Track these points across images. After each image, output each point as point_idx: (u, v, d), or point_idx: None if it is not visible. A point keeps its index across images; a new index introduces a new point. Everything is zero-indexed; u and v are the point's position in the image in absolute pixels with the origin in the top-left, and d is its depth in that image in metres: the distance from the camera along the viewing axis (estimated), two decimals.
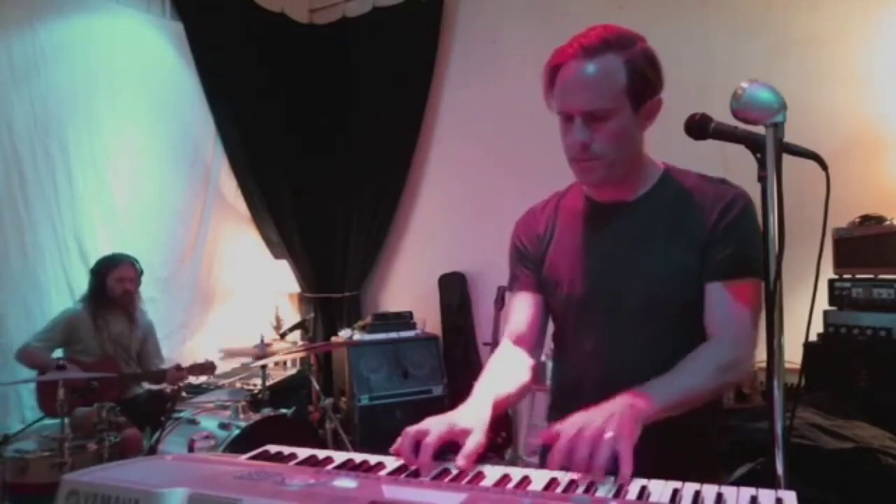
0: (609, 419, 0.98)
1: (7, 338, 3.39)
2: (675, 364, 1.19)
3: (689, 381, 1.14)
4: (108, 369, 3.24)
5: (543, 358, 1.47)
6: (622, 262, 1.29)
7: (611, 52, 1.19)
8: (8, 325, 3.45)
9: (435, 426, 1.05)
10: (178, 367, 3.48)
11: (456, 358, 4.56)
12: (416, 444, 1.02)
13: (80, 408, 2.92)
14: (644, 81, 1.22)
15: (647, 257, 1.27)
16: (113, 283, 3.47)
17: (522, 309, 1.42)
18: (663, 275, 1.26)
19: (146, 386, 3.64)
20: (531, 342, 1.41)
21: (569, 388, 1.39)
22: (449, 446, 1.05)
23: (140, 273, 3.59)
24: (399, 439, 1.06)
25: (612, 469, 0.95)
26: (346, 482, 0.88)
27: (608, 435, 0.95)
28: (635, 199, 1.32)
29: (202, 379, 3.90)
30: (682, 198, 1.29)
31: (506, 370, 1.33)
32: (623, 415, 1.00)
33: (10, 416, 3.40)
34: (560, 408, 1.43)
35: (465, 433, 1.06)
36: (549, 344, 1.47)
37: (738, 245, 1.23)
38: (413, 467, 1.02)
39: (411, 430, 1.05)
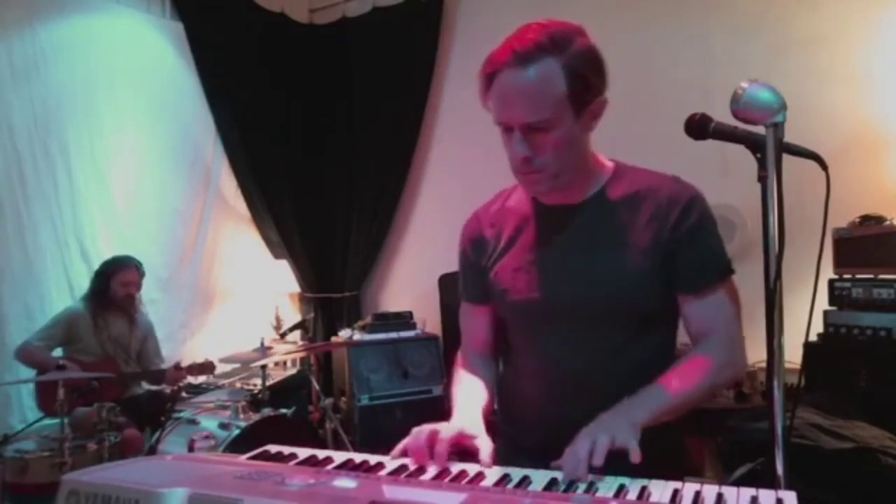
0: (608, 430, 1.00)
1: (8, 337, 3.39)
2: (629, 367, 1.18)
3: (683, 385, 1.13)
4: (108, 369, 3.24)
5: None
6: (571, 267, 1.24)
7: (547, 56, 1.09)
8: (8, 324, 3.44)
9: (445, 429, 1.07)
10: (177, 367, 3.48)
11: (456, 358, 4.55)
12: (430, 445, 1.04)
13: (80, 408, 2.92)
14: (585, 84, 1.12)
15: (597, 261, 1.22)
16: (117, 286, 3.47)
17: (476, 322, 1.41)
18: (614, 279, 1.20)
19: (146, 386, 3.65)
20: (487, 355, 1.41)
21: (519, 393, 1.36)
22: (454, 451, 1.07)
23: (143, 276, 3.60)
24: (405, 442, 1.06)
25: (616, 469, 0.96)
26: (346, 482, 0.88)
27: (607, 437, 0.98)
28: (583, 201, 1.26)
29: (202, 379, 3.90)
30: (633, 198, 1.23)
31: (478, 386, 1.32)
32: (620, 423, 1.02)
33: (11, 416, 3.39)
34: (509, 413, 1.40)
35: (473, 437, 1.08)
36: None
37: (708, 250, 1.21)
38: (415, 465, 1.03)
39: (423, 428, 1.06)
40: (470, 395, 1.26)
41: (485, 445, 1.05)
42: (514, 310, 1.31)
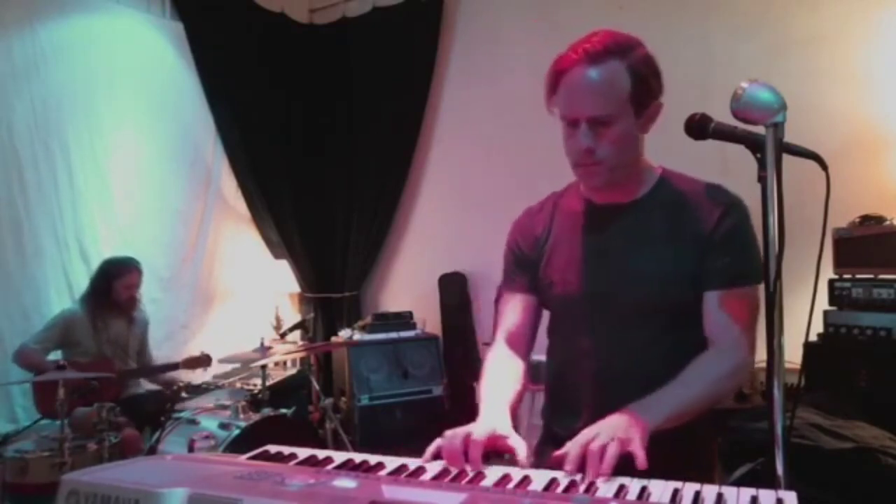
0: (615, 430, 1.02)
1: (5, 339, 3.38)
2: (669, 364, 1.20)
3: (687, 393, 1.16)
4: (103, 369, 3.23)
5: (544, 357, 1.48)
6: (618, 263, 1.30)
7: (614, 59, 1.20)
8: (6, 325, 3.43)
9: (477, 431, 1.08)
10: (174, 365, 3.49)
11: (456, 358, 4.56)
12: (464, 449, 1.05)
13: (80, 408, 2.92)
14: (646, 87, 1.23)
15: (643, 258, 1.29)
16: (120, 289, 3.47)
17: (516, 311, 1.44)
18: (658, 276, 1.27)
19: (146, 386, 3.64)
20: (523, 346, 1.44)
21: (563, 386, 1.41)
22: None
23: (142, 274, 3.59)
24: (438, 444, 1.07)
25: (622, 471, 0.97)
26: (346, 482, 0.88)
27: (617, 439, 0.99)
28: (632, 201, 1.33)
29: (201, 378, 3.90)
30: (679, 201, 1.30)
31: (506, 380, 1.34)
32: (628, 427, 1.03)
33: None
34: (555, 406, 1.45)
35: (506, 438, 1.10)
36: (544, 341, 1.47)
37: (737, 254, 1.25)
38: (416, 466, 1.03)
39: (457, 432, 1.07)
40: (499, 391, 1.28)
41: (519, 445, 1.08)
42: (561, 303, 1.38)
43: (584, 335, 1.34)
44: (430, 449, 1.08)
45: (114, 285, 3.45)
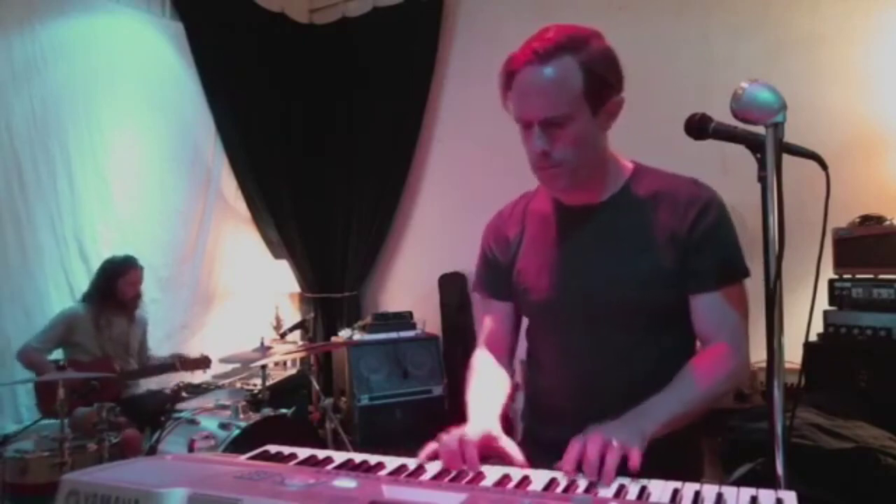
0: (616, 433, 1.00)
1: (6, 338, 3.38)
2: (650, 365, 1.19)
3: (689, 396, 1.14)
4: (104, 368, 3.23)
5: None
6: (593, 266, 1.27)
7: (565, 55, 1.14)
8: (6, 325, 3.43)
9: (471, 433, 1.07)
10: (171, 366, 3.50)
11: (456, 358, 4.56)
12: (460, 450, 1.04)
13: (81, 408, 2.92)
14: (601, 82, 1.17)
15: (619, 260, 1.25)
16: (125, 287, 3.48)
17: (494, 320, 1.43)
18: (636, 277, 1.23)
19: (146, 385, 3.65)
20: (505, 352, 1.42)
21: (543, 390, 1.39)
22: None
23: (142, 271, 3.60)
24: (433, 447, 1.06)
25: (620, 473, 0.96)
26: (346, 482, 0.88)
27: (617, 442, 0.97)
28: (603, 200, 1.29)
29: (201, 378, 3.90)
30: (652, 199, 1.27)
31: (493, 388, 1.31)
32: (630, 430, 1.02)
33: (4, 416, 3.39)
34: (534, 409, 1.43)
35: (497, 440, 1.08)
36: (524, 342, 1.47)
37: (721, 252, 1.23)
38: (416, 465, 1.03)
39: (452, 434, 1.06)
40: (486, 397, 1.27)
41: (512, 447, 1.06)
42: (536, 309, 1.35)
43: (562, 340, 1.32)
44: (426, 451, 1.07)
45: (118, 283, 3.46)
